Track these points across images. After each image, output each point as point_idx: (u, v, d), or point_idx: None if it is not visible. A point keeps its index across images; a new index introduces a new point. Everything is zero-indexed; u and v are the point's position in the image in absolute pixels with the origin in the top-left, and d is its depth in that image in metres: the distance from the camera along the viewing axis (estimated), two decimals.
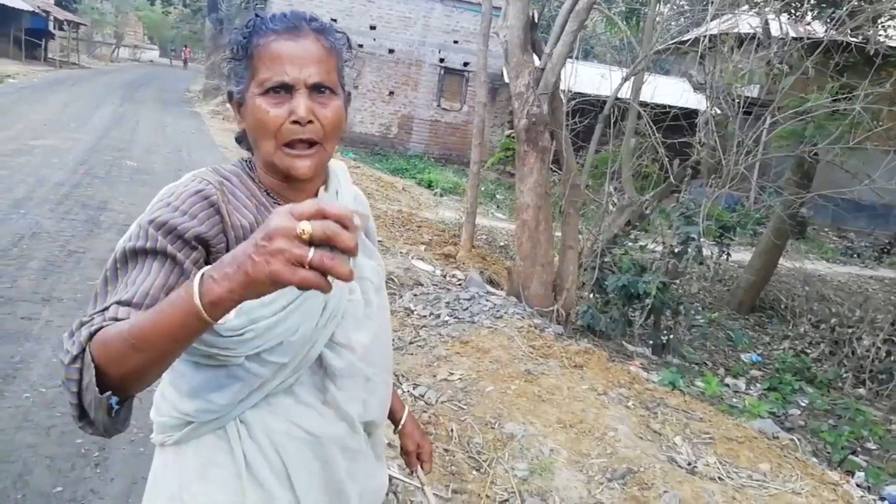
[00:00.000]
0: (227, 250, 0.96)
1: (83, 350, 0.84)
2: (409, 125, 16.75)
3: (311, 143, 1.03)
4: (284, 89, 1.01)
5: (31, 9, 25.91)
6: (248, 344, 0.99)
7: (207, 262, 0.98)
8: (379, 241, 7.19)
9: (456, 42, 16.31)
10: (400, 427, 1.45)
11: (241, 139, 1.13)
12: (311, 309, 1.04)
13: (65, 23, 29.80)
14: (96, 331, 0.86)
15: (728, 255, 7.04)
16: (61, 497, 2.42)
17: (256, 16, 1.06)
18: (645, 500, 2.89)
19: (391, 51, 16.10)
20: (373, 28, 15.82)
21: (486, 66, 7.44)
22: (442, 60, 16.38)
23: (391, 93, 16.39)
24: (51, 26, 28.70)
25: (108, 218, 6.22)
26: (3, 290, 4.18)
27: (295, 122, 1.00)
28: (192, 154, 10.58)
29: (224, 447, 1.07)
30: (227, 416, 1.06)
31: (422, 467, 1.46)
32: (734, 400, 5.34)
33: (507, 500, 2.86)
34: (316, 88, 1.02)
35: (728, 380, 6.17)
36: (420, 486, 1.48)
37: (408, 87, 16.48)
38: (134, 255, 0.95)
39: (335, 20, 15.25)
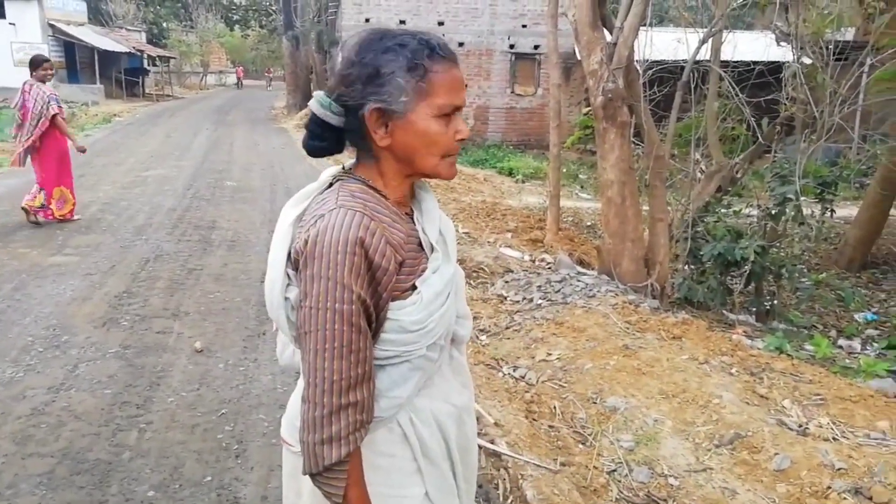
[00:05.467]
0: (400, 265, 1.14)
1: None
2: (484, 115, 16.83)
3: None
4: (450, 112, 1.15)
5: (128, 50, 27.93)
6: (430, 334, 1.17)
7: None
8: (466, 232, 7.41)
9: (524, 26, 16.22)
10: None
11: (325, 150, 1.20)
12: (454, 292, 1.24)
13: (157, 58, 31.92)
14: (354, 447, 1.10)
15: (832, 211, 6.70)
16: (210, 485, 2.74)
17: (420, 40, 1.14)
18: (755, 462, 2.90)
19: (461, 44, 16.22)
20: (441, 24, 16.00)
21: (556, 47, 7.43)
22: (512, 47, 16.35)
23: (465, 85, 16.50)
24: (145, 63, 30.83)
25: (218, 236, 6.72)
26: (138, 310, 4.67)
27: (461, 139, 1.17)
28: (285, 169, 11.16)
29: (396, 438, 1.21)
30: (403, 407, 1.21)
31: None
32: (847, 361, 5.13)
33: (615, 471, 2.95)
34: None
35: (841, 341, 5.90)
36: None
37: (480, 77, 16.56)
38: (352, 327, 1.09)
39: (403, 21, 15.62)
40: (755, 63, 7.35)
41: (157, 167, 10.94)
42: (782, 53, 7.29)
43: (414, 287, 1.16)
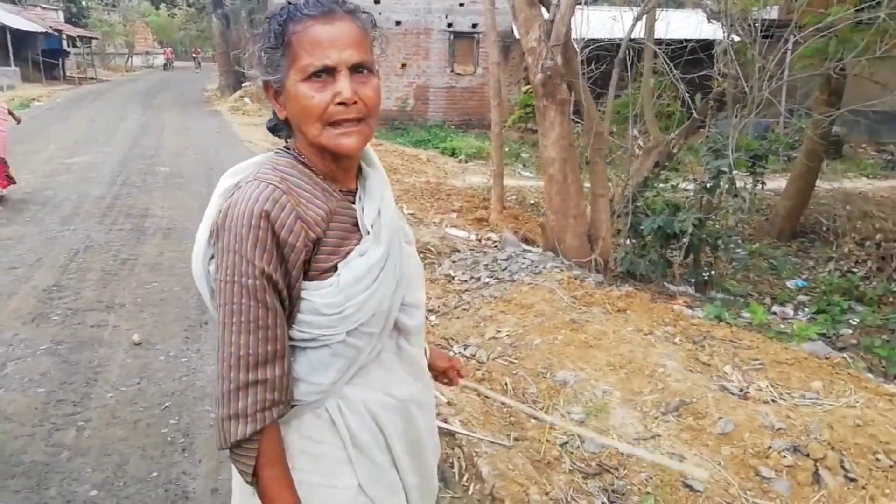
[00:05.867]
0: (314, 244, 1.07)
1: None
2: (425, 95, 16.71)
3: (356, 121, 1.08)
4: (327, 73, 1.05)
5: (45, 30, 26.38)
6: (348, 319, 1.09)
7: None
8: (411, 213, 7.37)
9: (462, 5, 16.11)
10: (428, 355, 1.50)
11: (279, 127, 1.17)
12: (390, 278, 1.15)
13: (77, 39, 30.27)
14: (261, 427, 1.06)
15: (763, 183, 6.96)
16: (157, 481, 2.64)
17: (289, 3, 1.08)
18: (700, 427, 3.00)
19: (398, 23, 16.00)
20: (377, 2, 15.70)
21: (494, 25, 7.40)
22: (450, 25, 16.23)
23: (403, 65, 16.34)
24: (65, 45, 29.21)
25: (152, 224, 6.46)
26: (70, 303, 4.44)
27: (340, 103, 1.05)
28: (220, 153, 10.80)
29: (325, 424, 1.15)
30: (328, 393, 1.14)
31: (460, 375, 1.56)
32: (782, 326, 5.36)
33: (566, 443, 3.00)
34: (355, 69, 1.06)
35: (775, 308, 6.17)
36: (475, 388, 1.69)
37: (419, 56, 16.40)
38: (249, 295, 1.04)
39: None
40: (687, 41, 7.52)
41: (82, 154, 10.42)
42: (713, 31, 7.48)
43: (336, 268, 1.10)
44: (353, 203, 1.16)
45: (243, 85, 19.02)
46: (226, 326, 1.04)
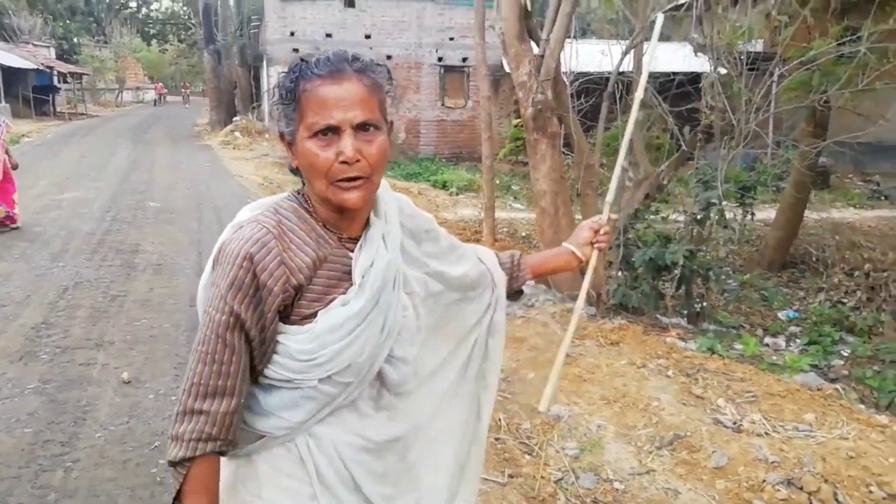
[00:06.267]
0: (295, 290, 1.09)
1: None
2: (416, 129, 16.87)
3: (360, 178, 1.10)
4: (332, 131, 1.08)
5: (36, 66, 26.55)
6: (321, 367, 1.10)
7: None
8: None
9: (452, 39, 16.39)
10: (556, 264, 1.61)
11: (295, 171, 1.21)
12: (374, 330, 1.14)
13: (68, 75, 30.45)
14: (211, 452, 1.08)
15: (752, 214, 7.02)
16: None
17: (302, 60, 1.12)
18: (695, 461, 2.98)
19: (389, 57, 16.21)
20: (368, 37, 15.98)
21: (485, 59, 7.52)
22: (440, 59, 16.48)
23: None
24: (55, 81, 29.37)
25: (143, 260, 6.43)
26: (59, 341, 4.39)
27: (343, 161, 1.08)
28: (211, 187, 10.82)
29: (294, 458, 1.17)
30: (298, 430, 1.16)
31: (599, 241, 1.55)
32: (774, 358, 5.36)
33: (561, 479, 2.96)
34: (361, 127, 1.09)
35: (767, 339, 6.17)
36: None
37: (410, 90, 16.60)
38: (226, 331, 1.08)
39: (330, 35, 15.50)
40: (675, 74, 7.65)
41: (73, 189, 10.41)
42: (700, 64, 7.62)
43: (316, 315, 1.12)
44: (353, 251, 1.17)
45: (234, 119, 19.15)
46: (193, 352, 1.09)
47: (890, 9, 7.39)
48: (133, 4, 37.48)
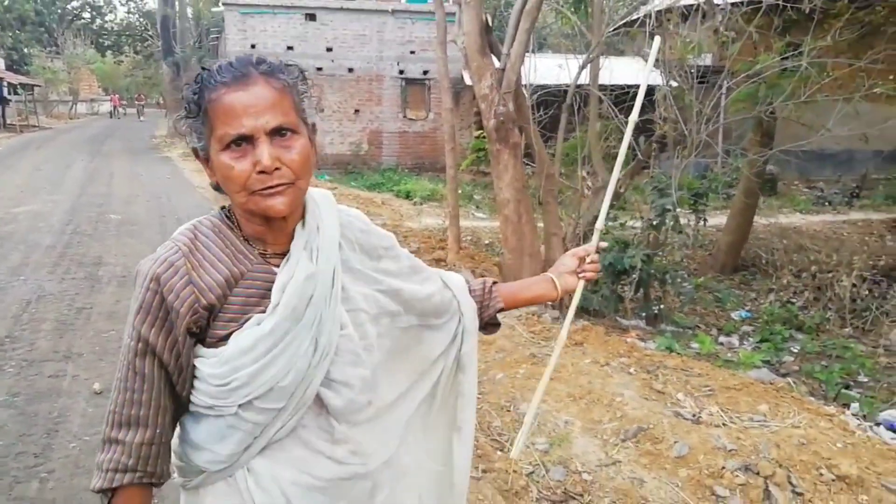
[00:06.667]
0: (207, 311, 1.03)
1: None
2: (378, 140, 16.97)
3: (283, 185, 1.03)
4: (245, 140, 1.00)
5: None
6: (237, 392, 1.03)
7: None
8: None
9: (413, 52, 16.58)
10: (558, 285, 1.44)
11: (217, 187, 1.12)
12: (299, 350, 1.05)
13: (18, 86, 29.65)
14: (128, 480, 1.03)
15: (705, 220, 7.34)
16: None
17: (203, 68, 1.05)
18: (658, 452, 3.14)
19: (350, 70, 16.33)
20: (329, 50, 16.04)
21: (447, 73, 7.69)
22: (402, 72, 16.64)
23: (356, 111, 16.62)
24: (5, 92, 28.56)
25: (107, 272, 6.37)
26: (24, 354, 4.35)
27: (261, 171, 1.00)
28: (172, 199, 10.71)
29: (235, 495, 1.09)
30: (235, 465, 1.08)
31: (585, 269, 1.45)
32: (729, 355, 5.62)
33: (532, 472, 3.09)
34: (276, 132, 1.01)
35: (721, 338, 6.44)
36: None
37: (372, 102, 16.71)
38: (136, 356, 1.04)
39: (291, 48, 15.51)
40: (629, 86, 7.95)
41: (29, 203, 10.18)
42: (653, 77, 7.94)
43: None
44: (275, 266, 1.09)
45: None
46: (114, 380, 1.06)
47: (828, 26, 7.84)
48: (86, 15, 36.67)
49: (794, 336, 6.49)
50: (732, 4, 7.85)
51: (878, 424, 4.19)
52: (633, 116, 1.48)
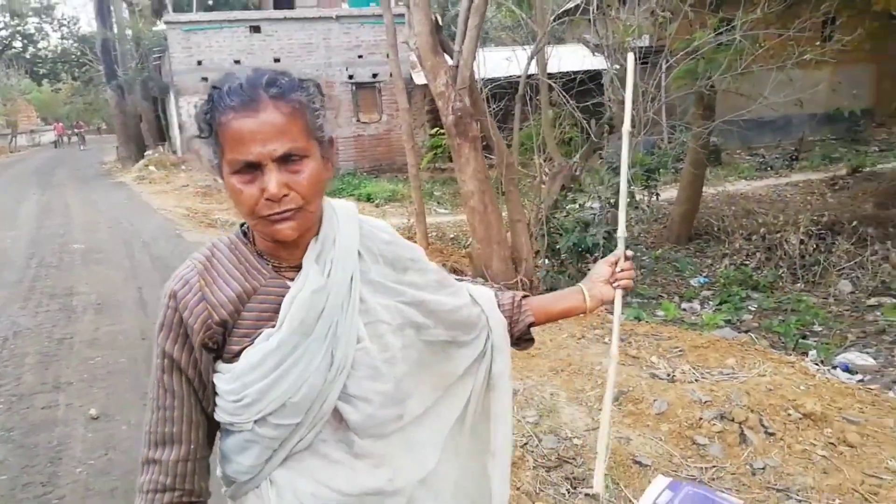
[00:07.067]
0: (221, 327, 1.04)
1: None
2: (334, 146, 17.01)
3: (292, 210, 1.02)
4: (253, 167, 1.00)
5: None
6: (250, 409, 1.03)
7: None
8: None
9: (361, 57, 16.66)
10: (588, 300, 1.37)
11: None
12: (311, 365, 1.04)
13: None
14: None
15: (657, 195, 7.68)
16: None
17: (214, 88, 1.03)
18: (640, 411, 3.39)
19: None
20: (277, 61, 16.01)
21: (401, 75, 7.85)
22: (351, 77, 16.71)
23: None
24: None
25: (81, 301, 6.36)
26: (12, 389, 4.37)
27: (269, 198, 0.99)
28: (134, 223, 10.62)
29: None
30: (259, 476, 1.10)
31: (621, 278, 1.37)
32: (693, 319, 5.94)
33: (526, 444, 3.30)
34: (285, 158, 1.00)
35: (684, 305, 6.78)
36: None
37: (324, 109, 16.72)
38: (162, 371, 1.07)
39: (238, 61, 15.43)
40: (576, 73, 8.23)
41: None
42: (599, 62, 8.24)
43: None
44: (289, 281, 1.08)
45: (146, 154, 18.66)
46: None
47: (757, 0, 8.25)
48: (17, 44, 35.41)
49: (750, 295, 6.87)
50: None
51: (834, 367, 4.55)
52: (626, 126, 1.43)
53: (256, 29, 15.81)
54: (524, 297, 1.39)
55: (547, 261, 7.01)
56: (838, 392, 3.53)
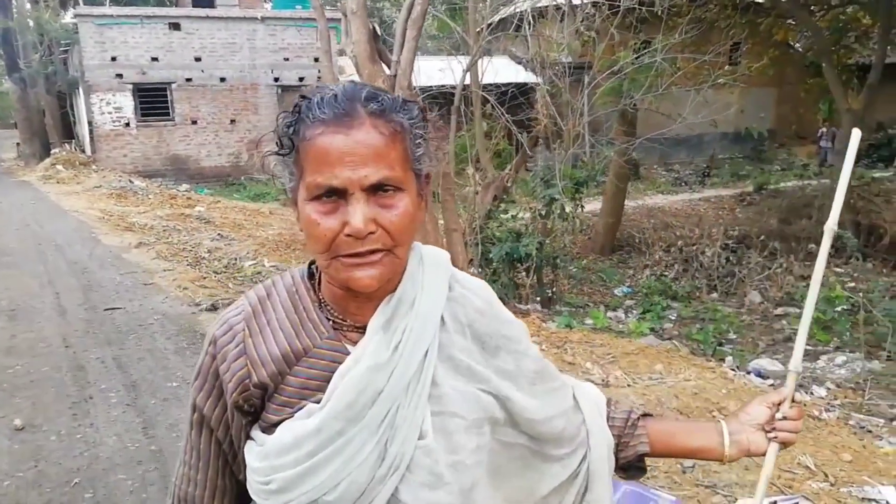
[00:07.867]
0: (260, 389, 0.86)
1: None
2: (257, 150, 16.65)
3: (376, 252, 0.82)
4: (336, 194, 0.81)
5: None
6: (275, 497, 0.84)
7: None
8: (273, 265, 7.43)
9: (287, 59, 16.40)
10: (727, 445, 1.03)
11: None
12: (357, 459, 0.83)
13: None
14: None
15: (582, 207, 8.00)
16: None
17: (303, 97, 0.85)
18: None
19: (223, 79, 15.89)
20: (198, 59, 15.53)
21: (335, 79, 7.82)
22: (277, 80, 16.42)
23: (232, 121, 16.21)
24: None
25: None
26: None
27: (350, 234, 0.80)
28: (45, 226, 10.01)
29: None
30: None
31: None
32: (620, 326, 6.23)
33: None
34: (376, 188, 0.81)
35: (609, 313, 7.09)
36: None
37: (248, 111, 16.36)
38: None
39: (156, 59, 14.88)
40: (507, 85, 8.47)
41: None
42: (531, 76, 8.52)
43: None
44: (347, 344, 0.88)
45: (52, 152, 17.60)
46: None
47: (673, 24, 8.77)
48: None
49: (670, 305, 7.27)
50: (593, 4, 8.59)
51: (748, 372, 4.91)
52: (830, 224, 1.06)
53: (176, 26, 15.27)
54: (644, 415, 1.09)
55: (479, 269, 7.16)
56: (754, 395, 3.79)
